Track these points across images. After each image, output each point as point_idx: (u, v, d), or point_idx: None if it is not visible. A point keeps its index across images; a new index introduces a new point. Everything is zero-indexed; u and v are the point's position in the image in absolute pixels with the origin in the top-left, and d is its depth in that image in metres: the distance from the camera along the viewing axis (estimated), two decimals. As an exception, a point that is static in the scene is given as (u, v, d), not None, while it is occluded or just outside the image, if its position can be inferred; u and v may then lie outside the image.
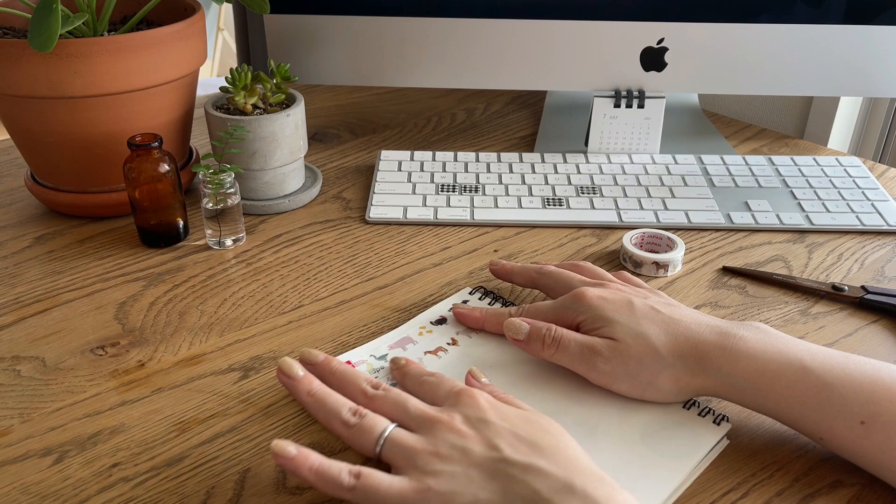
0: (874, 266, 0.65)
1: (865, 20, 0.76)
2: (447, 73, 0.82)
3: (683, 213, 0.71)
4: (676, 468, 0.43)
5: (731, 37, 0.77)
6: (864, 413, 0.42)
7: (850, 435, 0.42)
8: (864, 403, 0.42)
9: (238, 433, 0.47)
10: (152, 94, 0.66)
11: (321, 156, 0.85)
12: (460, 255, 0.66)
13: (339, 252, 0.66)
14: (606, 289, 0.51)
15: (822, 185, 0.76)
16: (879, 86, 0.79)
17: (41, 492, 0.43)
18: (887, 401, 0.42)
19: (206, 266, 0.64)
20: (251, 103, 0.70)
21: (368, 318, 0.58)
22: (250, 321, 0.57)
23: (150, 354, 0.54)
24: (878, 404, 0.42)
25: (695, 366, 0.46)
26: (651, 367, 0.46)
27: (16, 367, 0.53)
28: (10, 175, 0.80)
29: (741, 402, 0.46)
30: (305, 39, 0.81)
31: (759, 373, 0.44)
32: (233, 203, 0.65)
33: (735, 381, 0.45)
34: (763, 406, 0.45)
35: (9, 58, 0.61)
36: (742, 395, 0.45)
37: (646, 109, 0.81)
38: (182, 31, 0.66)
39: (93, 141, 0.65)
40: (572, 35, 0.78)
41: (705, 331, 0.46)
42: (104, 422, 0.48)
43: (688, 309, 0.49)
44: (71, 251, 0.66)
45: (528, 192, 0.75)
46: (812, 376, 0.43)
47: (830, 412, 0.43)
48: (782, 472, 0.45)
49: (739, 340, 0.45)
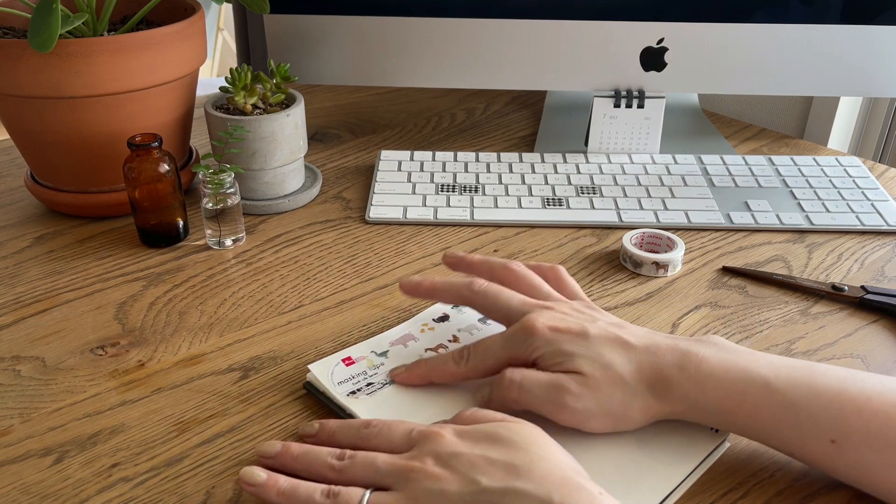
0: (874, 266, 0.65)
1: (865, 20, 0.76)
2: (447, 73, 0.82)
3: (683, 213, 0.71)
4: (671, 474, 0.43)
5: (731, 37, 0.77)
6: (834, 432, 0.41)
7: (821, 451, 0.41)
8: (833, 421, 0.41)
9: (238, 433, 0.47)
10: (152, 94, 0.66)
11: (321, 156, 0.85)
12: (460, 255, 0.66)
13: (339, 252, 0.66)
14: (553, 313, 0.47)
15: (821, 185, 0.76)
16: (879, 86, 0.79)
17: (41, 492, 0.43)
18: (855, 416, 0.40)
19: (205, 266, 0.64)
20: (251, 103, 0.70)
21: (368, 318, 0.58)
22: (250, 321, 0.57)
23: (149, 354, 0.54)
24: (847, 421, 0.41)
25: (662, 394, 0.44)
26: (622, 400, 0.44)
27: (16, 367, 0.53)
28: (10, 175, 0.80)
29: (711, 424, 0.45)
30: (305, 39, 0.81)
31: (725, 396, 0.43)
32: (233, 203, 0.65)
33: (703, 405, 0.43)
34: (732, 426, 0.44)
35: (9, 58, 0.61)
36: (710, 418, 0.44)
37: (646, 109, 0.81)
38: (182, 31, 0.66)
39: (93, 141, 0.65)
40: (572, 35, 0.78)
41: (665, 353, 0.44)
42: (104, 422, 0.48)
43: (637, 328, 0.47)
44: (71, 251, 0.66)
45: (528, 192, 0.75)
46: (777, 395, 0.42)
47: (799, 431, 0.42)
48: (782, 472, 0.45)
49: (701, 361, 0.43)
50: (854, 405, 0.41)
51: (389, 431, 0.43)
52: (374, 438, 0.43)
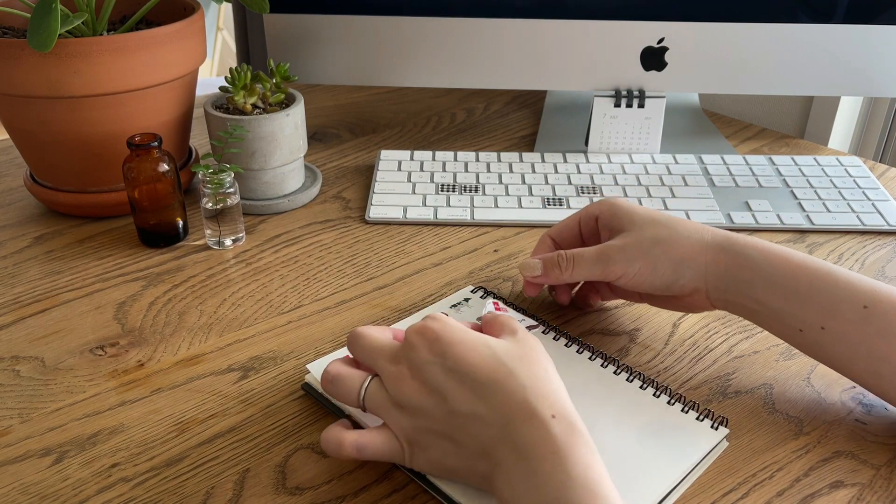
0: (874, 266, 0.65)
1: (865, 20, 0.76)
2: (447, 72, 0.81)
3: (684, 212, 0.71)
4: (671, 471, 0.43)
5: (731, 37, 0.77)
6: (868, 297, 0.45)
7: (853, 318, 0.45)
8: (868, 289, 0.45)
9: (238, 433, 0.47)
10: (152, 93, 0.66)
11: (321, 156, 0.85)
12: (460, 255, 0.66)
13: (339, 252, 0.66)
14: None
15: (822, 184, 0.76)
16: (879, 86, 0.79)
17: (41, 492, 0.43)
18: (887, 289, 0.45)
19: (205, 266, 0.64)
20: (251, 103, 0.69)
21: (368, 318, 0.58)
22: (250, 321, 0.57)
23: (149, 354, 0.54)
24: (880, 291, 0.45)
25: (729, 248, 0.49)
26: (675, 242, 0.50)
27: (15, 367, 0.53)
28: (10, 175, 0.80)
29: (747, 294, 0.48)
30: (305, 39, 0.81)
31: (766, 260, 0.48)
32: (232, 203, 0.65)
33: (750, 261, 0.48)
34: (768, 292, 0.47)
35: (8, 58, 0.60)
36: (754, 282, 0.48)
37: (646, 109, 0.81)
38: (182, 30, 0.66)
39: (92, 141, 0.65)
40: (572, 35, 0.78)
41: (718, 231, 0.51)
42: (103, 422, 0.48)
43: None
44: (70, 251, 0.66)
45: (529, 191, 0.75)
46: (816, 263, 0.47)
47: (837, 294, 0.45)
48: (782, 473, 0.45)
49: (746, 240, 0.50)
50: (883, 284, 0.46)
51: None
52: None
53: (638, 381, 0.49)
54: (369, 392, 0.42)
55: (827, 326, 0.46)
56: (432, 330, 0.41)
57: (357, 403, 0.43)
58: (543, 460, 0.36)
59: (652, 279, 0.50)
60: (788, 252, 0.48)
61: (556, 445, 0.36)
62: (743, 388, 0.51)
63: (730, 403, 0.50)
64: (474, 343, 0.41)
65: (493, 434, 0.38)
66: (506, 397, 0.38)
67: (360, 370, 0.44)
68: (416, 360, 0.41)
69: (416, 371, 0.41)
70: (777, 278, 0.47)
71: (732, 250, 0.49)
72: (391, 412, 0.41)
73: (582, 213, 0.56)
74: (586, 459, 0.36)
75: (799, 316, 0.47)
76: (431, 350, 0.41)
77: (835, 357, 0.47)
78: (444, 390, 0.40)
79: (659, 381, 0.50)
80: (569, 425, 0.37)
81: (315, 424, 0.48)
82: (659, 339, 0.56)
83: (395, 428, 0.41)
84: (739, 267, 0.49)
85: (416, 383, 0.41)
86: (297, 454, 0.46)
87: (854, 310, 0.45)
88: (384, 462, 0.44)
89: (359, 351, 0.44)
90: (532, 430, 0.37)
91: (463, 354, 0.40)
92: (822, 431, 0.48)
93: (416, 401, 0.40)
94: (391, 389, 0.41)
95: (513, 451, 0.37)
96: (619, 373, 0.49)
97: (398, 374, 0.41)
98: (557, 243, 0.57)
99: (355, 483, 0.44)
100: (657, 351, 0.54)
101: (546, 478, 0.36)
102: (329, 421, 0.48)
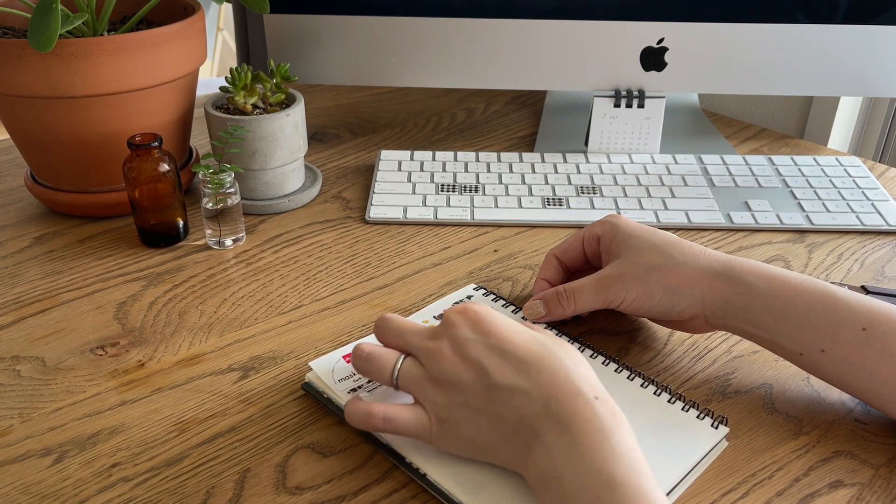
0: (874, 266, 0.65)
1: (865, 20, 0.76)
2: (447, 73, 0.82)
3: (683, 212, 0.71)
4: (671, 470, 0.43)
5: (731, 37, 0.77)
6: (866, 319, 0.45)
7: (852, 341, 0.45)
8: (866, 311, 0.45)
9: (238, 433, 0.47)
10: (152, 93, 0.66)
11: (321, 156, 0.85)
12: (460, 254, 0.66)
13: (339, 252, 0.66)
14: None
15: (822, 184, 0.76)
16: (879, 86, 0.79)
17: (41, 492, 0.43)
18: (886, 310, 0.45)
19: (205, 266, 0.64)
20: (251, 103, 0.70)
21: (368, 318, 0.58)
22: (250, 321, 0.57)
23: (149, 354, 0.54)
24: (879, 312, 0.45)
25: (725, 275, 0.49)
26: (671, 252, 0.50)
27: (16, 367, 0.53)
28: (10, 175, 0.80)
29: (745, 319, 0.48)
30: (305, 39, 0.81)
31: (761, 278, 0.48)
32: (232, 203, 0.65)
33: (748, 287, 0.48)
34: (766, 317, 0.47)
35: (8, 58, 0.60)
36: (752, 307, 0.48)
37: (646, 109, 0.81)
38: (182, 30, 0.66)
39: (93, 141, 0.65)
40: (572, 35, 0.78)
41: (716, 256, 0.51)
42: (104, 422, 0.48)
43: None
44: (71, 251, 0.66)
45: (528, 191, 0.75)
46: (817, 285, 0.47)
47: (835, 317, 0.45)
48: (782, 472, 0.45)
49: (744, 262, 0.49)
50: (882, 304, 0.46)
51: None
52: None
53: (638, 380, 0.49)
54: (404, 368, 0.43)
55: (827, 349, 0.46)
56: (474, 311, 0.43)
57: (390, 381, 0.44)
58: (590, 435, 0.37)
59: (649, 305, 0.50)
60: (786, 275, 0.48)
61: (601, 423, 0.38)
62: (742, 388, 0.51)
63: (729, 403, 0.50)
64: (515, 326, 0.43)
65: (534, 409, 0.39)
66: (550, 375, 0.40)
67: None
68: (458, 337, 0.42)
69: (458, 346, 0.42)
70: (775, 303, 0.47)
71: (729, 276, 0.49)
72: (426, 388, 0.42)
73: (585, 233, 0.56)
74: (629, 441, 0.38)
75: (798, 339, 0.47)
76: (474, 329, 0.42)
77: (836, 379, 0.47)
78: (485, 365, 0.41)
79: (659, 381, 0.50)
80: (611, 409, 0.39)
81: (315, 424, 0.48)
82: (659, 338, 0.56)
83: (428, 404, 0.42)
84: (737, 293, 0.48)
85: (456, 358, 0.42)
86: (298, 454, 0.46)
87: (853, 332, 0.45)
88: (384, 462, 0.45)
89: (390, 333, 0.45)
90: (578, 407, 0.38)
91: (506, 334, 0.42)
92: (822, 431, 0.48)
93: (455, 375, 0.41)
94: (429, 365, 0.42)
95: (556, 424, 0.38)
96: (619, 371, 0.50)
97: (438, 349, 0.42)
98: (562, 262, 0.57)
99: (355, 483, 0.44)
100: (657, 351, 0.54)
101: (591, 450, 0.37)
102: (329, 421, 0.48)
